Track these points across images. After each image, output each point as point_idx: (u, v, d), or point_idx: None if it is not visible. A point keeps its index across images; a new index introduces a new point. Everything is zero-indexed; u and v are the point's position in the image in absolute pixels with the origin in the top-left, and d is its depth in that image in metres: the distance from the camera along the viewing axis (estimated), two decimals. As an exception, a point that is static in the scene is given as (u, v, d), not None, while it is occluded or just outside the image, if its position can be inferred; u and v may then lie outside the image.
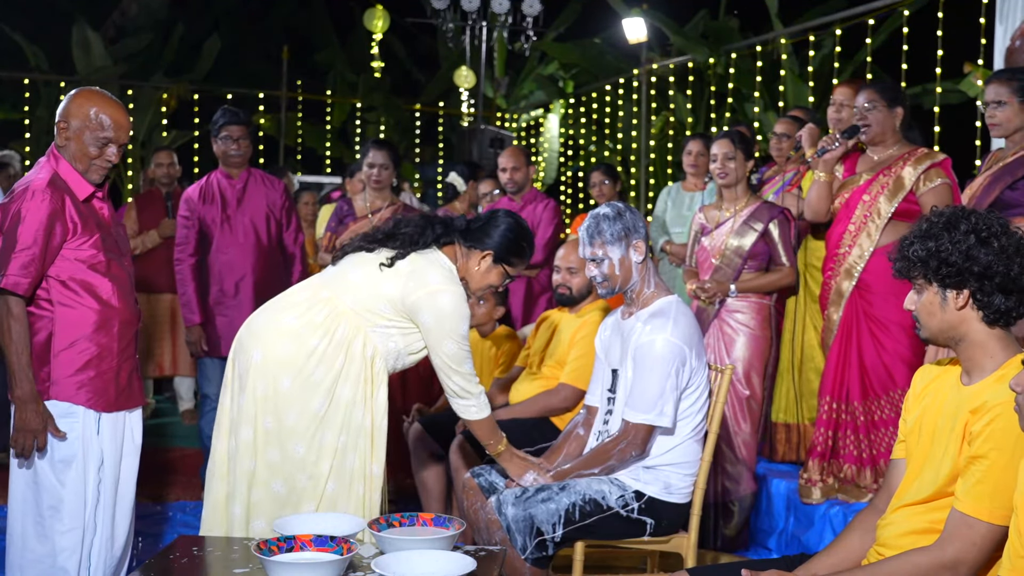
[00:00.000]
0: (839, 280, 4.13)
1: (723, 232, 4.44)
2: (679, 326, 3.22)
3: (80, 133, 3.06)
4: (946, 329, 2.24)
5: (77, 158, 3.07)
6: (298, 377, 2.99)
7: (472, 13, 10.76)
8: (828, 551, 2.47)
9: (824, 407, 4.17)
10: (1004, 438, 2.10)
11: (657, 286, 3.35)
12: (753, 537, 4.50)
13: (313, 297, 3.10)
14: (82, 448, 3.06)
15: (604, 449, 3.25)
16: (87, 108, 3.05)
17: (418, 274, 3.06)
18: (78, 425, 3.05)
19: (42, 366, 3.03)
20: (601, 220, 3.29)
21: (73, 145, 3.07)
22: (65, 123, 3.07)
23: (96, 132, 3.05)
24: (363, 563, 2.57)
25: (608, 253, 3.28)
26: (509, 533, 3.14)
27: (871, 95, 4.06)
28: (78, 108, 3.06)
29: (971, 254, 2.17)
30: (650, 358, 3.19)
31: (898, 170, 4.03)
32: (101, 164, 3.09)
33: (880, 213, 4.03)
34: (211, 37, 13.03)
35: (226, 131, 5.01)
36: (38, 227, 2.95)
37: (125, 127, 3.11)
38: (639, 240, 3.30)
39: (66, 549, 3.04)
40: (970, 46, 6.79)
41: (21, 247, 2.94)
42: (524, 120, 13.81)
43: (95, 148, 3.07)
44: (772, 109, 9.40)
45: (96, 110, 3.05)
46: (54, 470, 3.04)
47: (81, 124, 3.05)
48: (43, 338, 3.03)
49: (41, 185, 2.99)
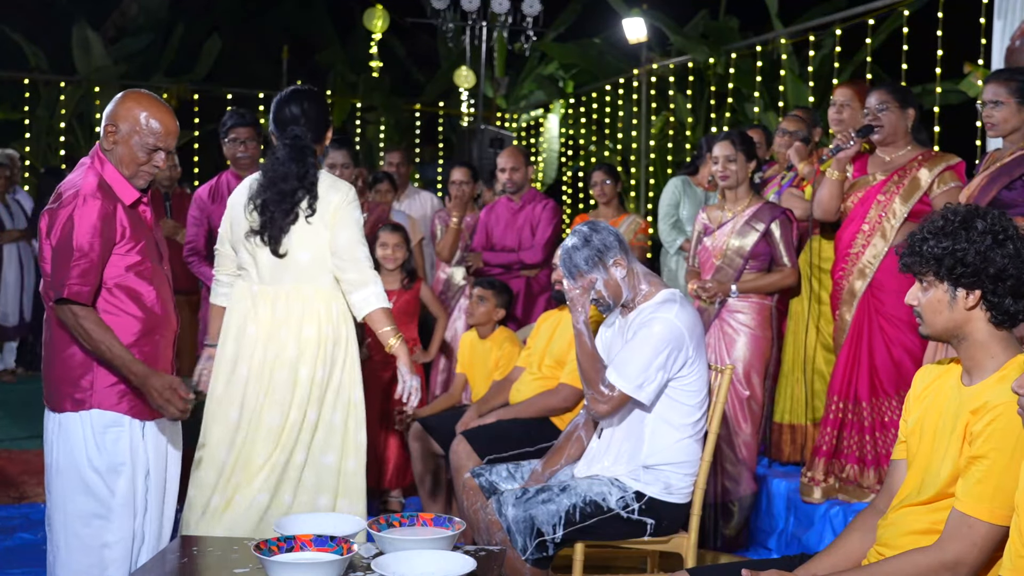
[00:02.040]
0: (852, 280, 4.13)
1: (725, 232, 4.45)
2: (685, 311, 3.24)
3: (128, 137, 2.95)
4: (951, 328, 2.24)
5: (124, 163, 2.97)
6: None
7: (472, 13, 10.75)
8: (828, 551, 2.47)
9: (831, 406, 4.17)
10: (1004, 438, 2.10)
11: (652, 283, 3.35)
12: (753, 537, 4.50)
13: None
14: (131, 456, 2.98)
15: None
16: (137, 112, 2.95)
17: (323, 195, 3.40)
18: (125, 434, 2.97)
19: (84, 374, 2.95)
20: (572, 252, 3.29)
21: (121, 149, 2.97)
22: (113, 126, 2.96)
23: (145, 137, 2.95)
24: (363, 563, 2.58)
25: (591, 279, 3.28)
26: (509, 534, 3.14)
27: (883, 96, 4.06)
28: (128, 112, 2.95)
29: (988, 255, 2.16)
30: (648, 332, 3.20)
31: (914, 171, 4.04)
32: (148, 170, 3.00)
33: (895, 213, 4.03)
34: (211, 37, 13.03)
35: (234, 133, 5.01)
36: (92, 233, 2.86)
37: (174, 133, 3.00)
38: (617, 256, 3.28)
39: (116, 560, 2.96)
40: (970, 46, 6.79)
41: (78, 255, 2.85)
42: (524, 120, 13.81)
43: (143, 154, 2.96)
44: (772, 109, 9.40)
45: (147, 115, 2.95)
46: (104, 479, 2.95)
47: (130, 128, 2.95)
48: (86, 346, 2.95)
49: (90, 190, 2.90)
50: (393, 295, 5.00)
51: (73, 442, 2.96)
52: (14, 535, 4.46)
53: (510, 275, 5.45)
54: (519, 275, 5.50)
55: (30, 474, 5.49)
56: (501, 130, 11.01)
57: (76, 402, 2.96)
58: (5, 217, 8.48)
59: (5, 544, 4.35)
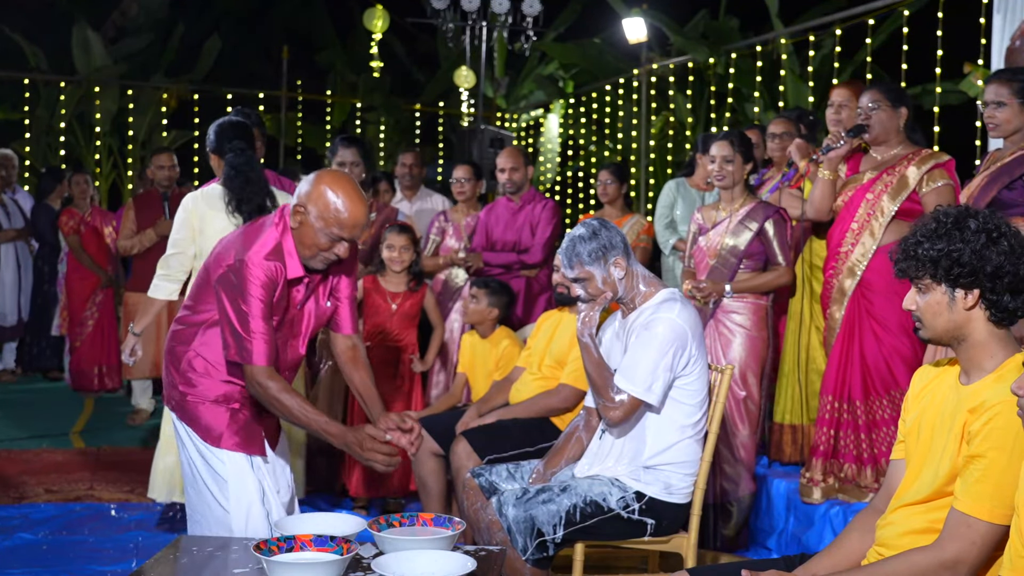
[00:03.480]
0: (841, 278, 4.13)
1: (719, 232, 4.45)
2: (687, 310, 3.25)
3: (315, 222, 2.87)
4: (952, 329, 2.24)
5: (305, 244, 2.91)
6: None
7: (472, 13, 10.75)
8: (828, 551, 2.47)
9: (826, 406, 4.17)
10: (1003, 437, 2.10)
11: (650, 284, 3.35)
12: (753, 537, 4.50)
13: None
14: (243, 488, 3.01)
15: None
16: (329, 199, 2.85)
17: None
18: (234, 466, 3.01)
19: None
20: (577, 242, 3.29)
21: (304, 231, 2.89)
22: (303, 208, 2.87)
23: (332, 227, 2.86)
24: (363, 563, 2.57)
25: (589, 273, 3.28)
26: (510, 534, 3.14)
27: (875, 95, 4.06)
28: (320, 196, 2.86)
29: (983, 254, 2.16)
30: (652, 334, 3.20)
31: (902, 169, 4.03)
32: (328, 256, 2.93)
33: (883, 212, 4.03)
34: (211, 37, 13.03)
35: None
36: (261, 297, 2.88)
37: (362, 225, 2.91)
38: (618, 256, 3.29)
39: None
40: (970, 46, 6.79)
41: (254, 322, 2.87)
42: (524, 120, 13.81)
43: (326, 240, 2.89)
44: (772, 109, 9.40)
45: (337, 205, 2.85)
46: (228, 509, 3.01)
47: (319, 214, 2.86)
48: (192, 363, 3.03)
49: (258, 259, 2.89)
50: (397, 297, 5.00)
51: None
52: (14, 535, 4.46)
53: (510, 275, 5.45)
54: (519, 275, 5.49)
55: (30, 474, 5.50)
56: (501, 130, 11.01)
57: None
58: (2, 217, 8.48)
59: (5, 544, 4.35)
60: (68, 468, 5.65)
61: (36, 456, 5.92)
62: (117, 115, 12.28)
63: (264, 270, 2.88)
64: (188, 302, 3.12)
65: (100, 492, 5.18)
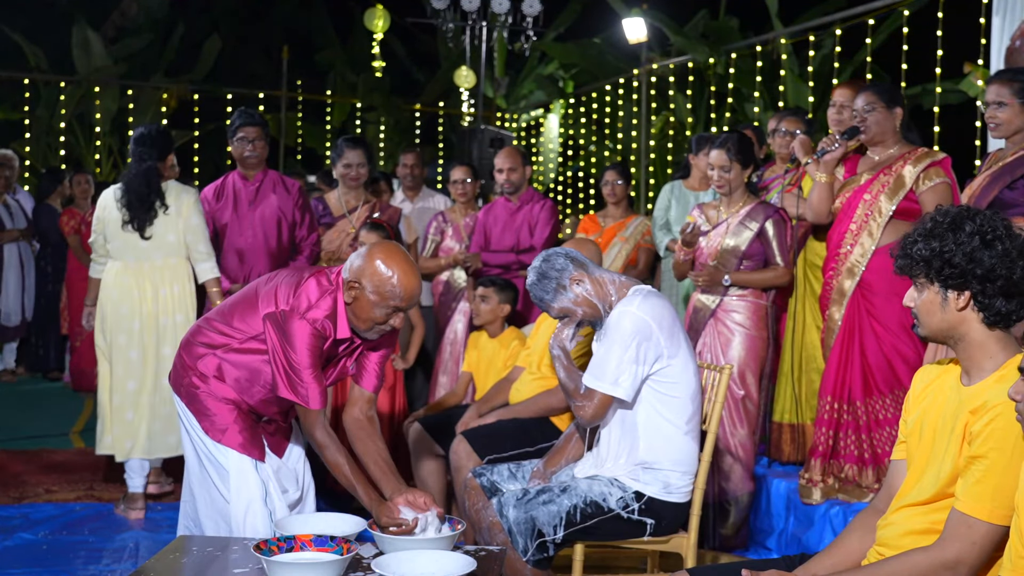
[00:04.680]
0: (841, 279, 4.13)
1: (719, 233, 4.45)
2: (647, 302, 3.24)
3: (371, 296, 2.91)
4: (945, 329, 2.24)
5: (360, 317, 2.95)
6: None
7: (472, 13, 10.76)
8: (828, 551, 2.47)
9: (825, 406, 4.17)
10: (1004, 438, 2.09)
11: (622, 284, 3.34)
12: (753, 537, 4.50)
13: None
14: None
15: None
16: (384, 275, 2.88)
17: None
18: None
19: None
20: (533, 290, 3.32)
21: (360, 306, 2.93)
22: (357, 283, 2.91)
23: (389, 301, 2.90)
24: (363, 563, 2.58)
25: (561, 307, 3.30)
26: (511, 535, 3.15)
27: (869, 97, 4.06)
28: (375, 272, 2.89)
29: (975, 256, 2.16)
30: (612, 329, 3.22)
31: (898, 169, 4.04)
32: (383, 328, 2.99)
33: (881, 212, 4.03)
34: (211, 37, 13.04)
35: (242, 132, 5.00)
36: (311, 349, 2.94)
37: (417, 295, 2.96)
38: (572, 273, 3.29)
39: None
40: (970, 46, 6.79)
41: (304, 372, 2.93)
42: (524, 120, 13.82)
43: (383, 314, 2.93)
44: (772, 109, 9.40)
45: (394, 281, 2.88)
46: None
47: (374, 289, 2.89)
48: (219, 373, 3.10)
49: (319, 316, 2.94)
50: None
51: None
52: (14, 535, 4.46)
53: (509, 275, 5.45)
54: (518, 275, 5.49)
55: (30, 474, 5.49)
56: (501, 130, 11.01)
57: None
58: (5, 217, 8.48)
59: (5, 544, 4.35)
60: (68, 468, 5.64)
61: (36, 456, 5.92)
62: (117, 115, 12.28)
63: (314, 331, 2.93)
64: (228, 314, 3.14)
65: (100, 492, 5.18)
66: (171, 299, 4.74)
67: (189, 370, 3.14)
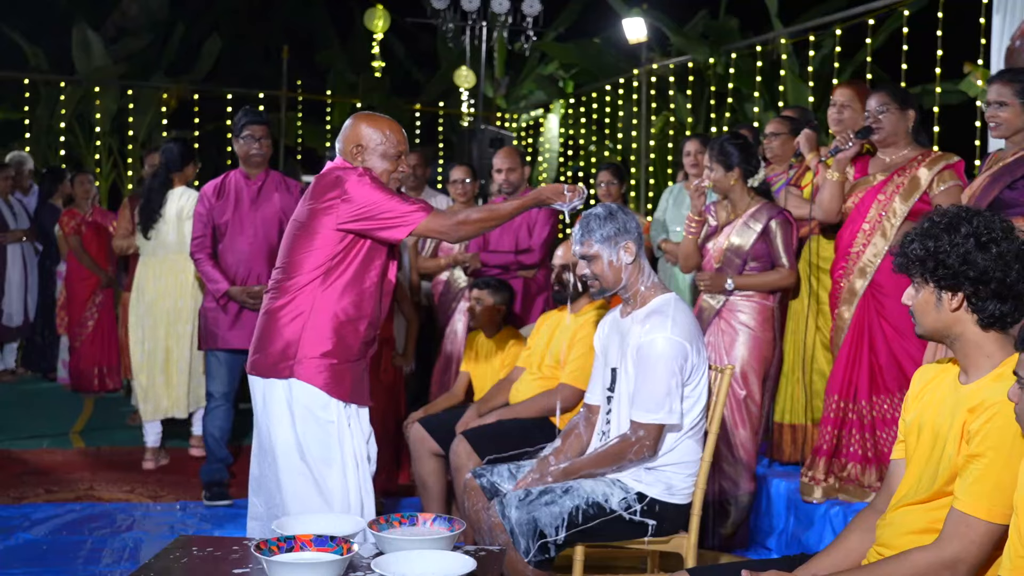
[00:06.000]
0: (852, 279, 4.13)
1: (725, 234, 4.45)
2: (678, 323, 3.23)
3: (377, 149, 3.35)
4: (940, 328, 2.25)
5: (377, 171, 3.33)
6: None
7: (472, 13, 10.75)
8: (828, 551, 2.47)
9: (831, 405, 4.16)
10: (1002, 436, 2.10)
11: (653, 285, 3.35)
12: (753, 537, 4.50)
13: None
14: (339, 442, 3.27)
15: (618, 451, 3.23)
16: (375, 127, 3.37)
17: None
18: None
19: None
20: (592, 219, 3.31)
21: (370, 167, 3.33)
22: (355, 149, 3.35)
23: (390, 146, 3.36)
24: (363, 563, 2.57)
25: (598, 252, 3.30)
26: (512, 536, 3.14)
27: (883, 98, 4.06)
28: (369, 138, 3.36)
29: (968, 258, 2.16)
30: (653, 357, 3.20)
31: (913, 171, 4.04)
32: (398, 176, 3.41)
33: (895, 213, 4.04)
34: (211, 37, 13.03)
35: (248, 130, 5.01)
36: (378, 186, 3.23)
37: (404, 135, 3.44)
38: (629, 242, 3.30)
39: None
40: (970, 46, 6.79)
41: (391, 201, 3.20)
42: (524, 120, 13.81)
43: (392, 163, 3.37)
44: (772, 109, 9.40)
45: (383, 128, 3.37)
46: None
47: (379, 142, 3.36)
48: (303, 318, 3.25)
49: (364, 170, 3.27)
50: None
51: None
52: (14, 535, 4.46)
53: (508, 276, 5.45)
54: (516, 276, 5.49)
55: (30, 474, 5.50)
56: (501, 130, 11.01)
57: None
58: (9, 217, 8.48)
59: (5, 544, 4.35)
60: (68, 468, 5.65)
61: (36, 456, 5.92)
62: (117, 115, 12.28)
63: (370, 175, 3.25)
64: (288, 264, 3.29)
65: (100, 492, 5.18)
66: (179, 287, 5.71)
67: (294, 345, 3.24)
